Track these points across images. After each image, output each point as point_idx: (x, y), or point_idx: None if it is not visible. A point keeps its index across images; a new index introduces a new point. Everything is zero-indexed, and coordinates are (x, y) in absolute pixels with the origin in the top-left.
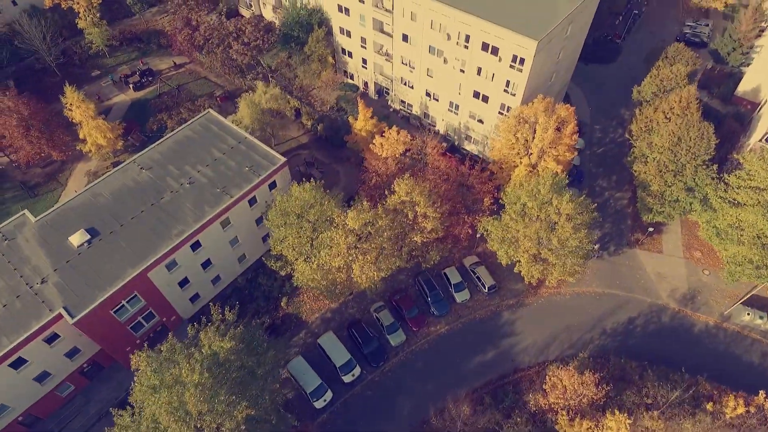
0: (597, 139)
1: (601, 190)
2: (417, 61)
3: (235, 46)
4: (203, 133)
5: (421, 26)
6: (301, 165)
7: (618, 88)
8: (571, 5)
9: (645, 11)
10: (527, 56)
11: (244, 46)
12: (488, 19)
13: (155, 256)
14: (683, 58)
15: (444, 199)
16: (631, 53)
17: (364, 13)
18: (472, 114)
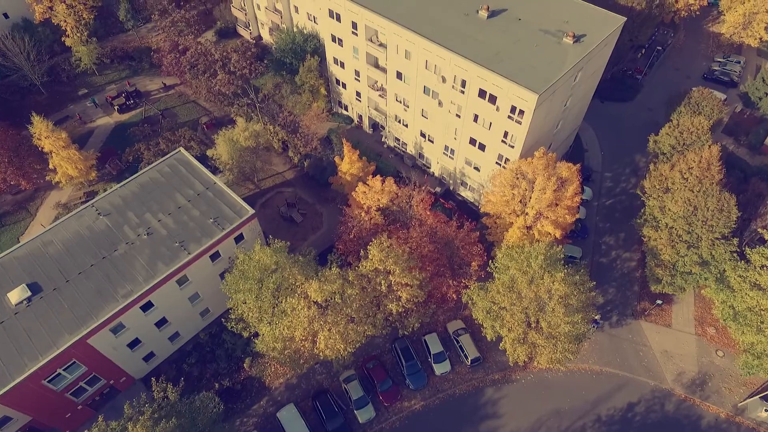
0: (607, 189)
1: (606, 249)
2: (411, 100)
3: (220, 75)
4: (171, 176)
5: (415, 65)
6: (282, 205)
7: (635, 130)
8: (581, 51)
9: (671, 43)
10: (527, 109)
11: (230, 74)
12: (486, 65)
13: (96, 321)
14: (708, 105)
15: (427, 262)
16: (652, 91)
17: (358, 46)
18: (468, 160)
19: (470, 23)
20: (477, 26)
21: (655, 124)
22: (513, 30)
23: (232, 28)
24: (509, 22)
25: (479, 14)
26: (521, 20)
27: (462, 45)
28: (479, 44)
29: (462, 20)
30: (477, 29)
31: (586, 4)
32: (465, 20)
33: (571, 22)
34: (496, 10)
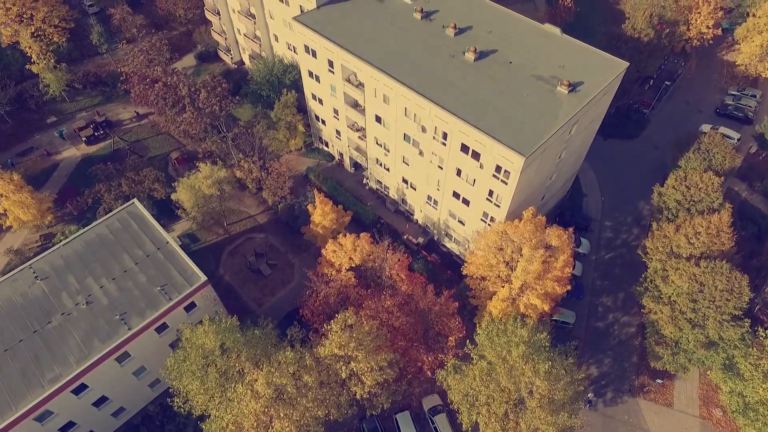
0: (606, 241)
1: (603, 311)
2: (392, 145)
3: (187, 114)
4: (120, 233)
5: (394, 111)
6: (251, 255)
7: (639, 172)
8: (577, 103)
9: (682, 74)
10: (513, 170)
11: (198, 111)
12: (468, 120)
13: (16, 413)
14: (719, 152)
15: (399, 336)
16: (660, 127)
17: (335, 85)
18: (452, 213)
19: (455, 67)
20: (462, 70)
21: (662, 165)
22: (502, 75)
23: (213, 52)
24: (499, 65)
25: (466, 56)
26: (512, 64)
27: (444, 93)
28: (463, 92)
29: (447, 63)
30: (462, 74)
31: (584, 46)
32: (450, 63)
33: (568, 67)
34: (485, 51)
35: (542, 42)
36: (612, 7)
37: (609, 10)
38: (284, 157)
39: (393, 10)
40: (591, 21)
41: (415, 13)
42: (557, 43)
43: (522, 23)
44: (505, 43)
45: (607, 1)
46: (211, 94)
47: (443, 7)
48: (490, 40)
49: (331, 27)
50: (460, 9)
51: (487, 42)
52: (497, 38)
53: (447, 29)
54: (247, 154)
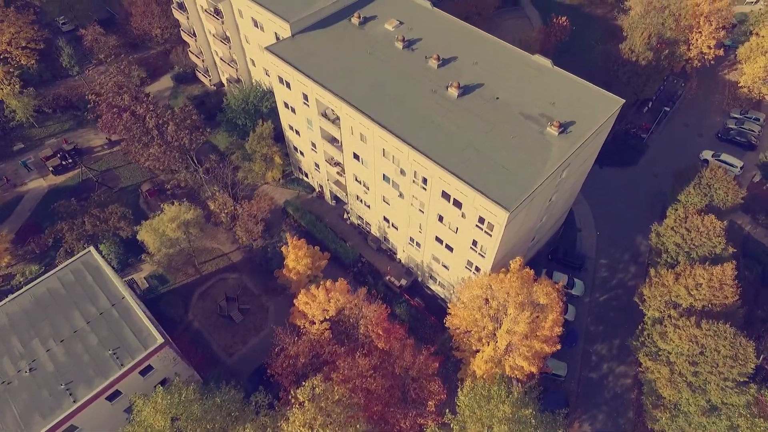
0: (601, 281)
1: (597, 360)
2: (371, 184)
3: (153, 149)
4: (73, 286)
5: (372, 150)
6: (221, 300)
7: (637, 204)
8: (568, 146)
9: (682, 95)
10: (497, 224)
11: (166, 145)
12: (448, 167)
13: None
14: (721, 188)
15: (374, 400)
16: (659, 153)
17: (311, 119)
18: (435, 257)
19: (438, 103)
20: (445, 108)
21: (660, 194)
22: (487, 113)
23: (191, 73)
24: (484, 101)
25: (449, 92)
26: (499, 100)
27: (424, 134)
28: (445, 133)
29: (428, 99)
30: (445, 112)
31: (577, 80)
32: (432, 99)
33: (559, 104)
34: (469, 86)
35: (532, 75)
36: (609, 22)
37: (606, 26)
38: (262, 188)
39: (373, 37)
40: (587, 38)
41: (397, 42)
42: (548, 77)
43: (510, 54)
44: (491, 75)
45: (604, 17)
46: (180, 127)
47: (427, 35)
48: (475, 72)
49: (306, 57)
50: (444, 37)
51: (473, 75)
52: (483, 70)
53: (430, 60)
54: (222, 185)
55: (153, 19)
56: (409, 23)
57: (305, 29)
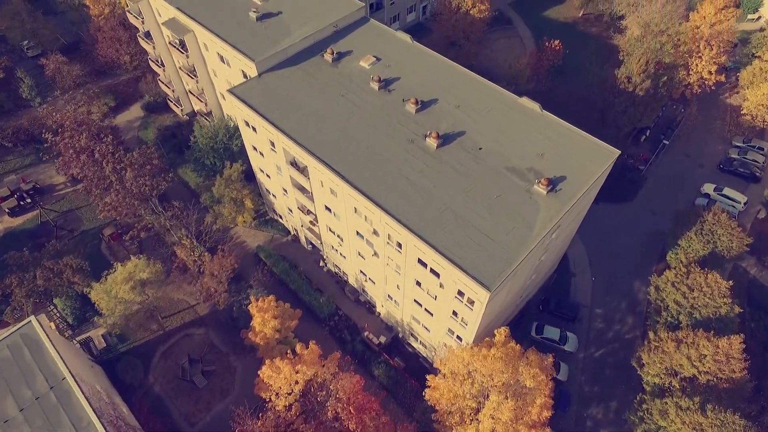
0: (596, 333)
1: (593, 426)
2: (345, 237)
3: (109, 198)
4: (8, 365)
5: (343, 205)
6: (184, 362)
7: (635, 244)
8: (558, 208)
9: (682, 121)
10: (477, 300)
11: (125, 191)
12: (424, 236)
13: None
14: (724, 235)
15: None
16: (658, 187)
17: (280, 166)
18: (415, 318)
19: (414, 156)
20: (422, 161)
21: (659, 235)
22: (469, 167)
23: (163, 102)
24: (466, 153)
25: (427, 142)
26: (482, 150)
27: (397, 194)
28: (421, 192)
29: (404, 151)
30: (422, 166)
31: (567, 127)
32: (408, 151)
33: (548, 155)
34: (450, 134)
35: (518, 121)
36: (605, 41)
37: (602, 46)
38: (234, 229)
39: (347, 76)
40: (582, 58)
41: (372, 83)
42: (536, 123)
43: (495, 96)
44: (474, 121)
45: (599, 35)
46: (141, 173)
47: (405, 74)
48: (457, 117)
49: (272, 101)
50: (425, 76)
51: (454, 120)
52: (466, 115)
53: (407, 104)
54: (189, 230)
55: (121, 46)
56: (387, 60)
57: (274, 67)
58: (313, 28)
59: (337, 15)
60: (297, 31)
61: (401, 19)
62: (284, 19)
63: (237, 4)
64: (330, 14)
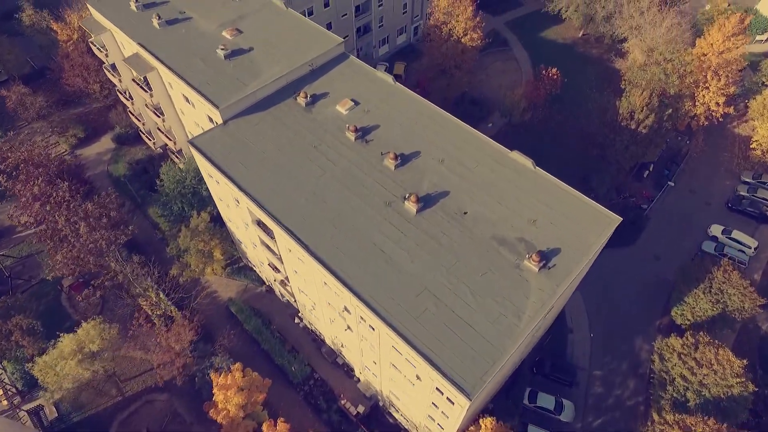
0: (595, 399)
1: None
2: (317, 304)
3: (60, 255)
4: None
5: (312, 275)
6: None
7: (637, 295)
8: (551, 289)
9: (687, 153)
10: (457, 404)
11: (80, 245)
12: (398, 327)
13: None
14: (735, 294)
15: None
16: (661, 230)
17: (248, 223)
18: (394, 394)
19: (392, 222)
20: (400, 229)
21: (664, 284)
22: (452, 237)
23: (134, 133)
24: (449, 219)
25: (406, 205)
26: (467, 215)
27: (370, 271)
28: (397, 270)
29: (380, 215)
30: (398, 235)
31: (562, 187)
32: (385, 216)
33: (541, 221)
34: (432, 195)
35: (509, 178)
36: (605, 64)
37: (602, 70)
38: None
39: (321, 124)
40: (581, 83)
41: (349, 132)
42: (528, 182)
43: (484, 149)
44: (460, 179)
45: (599, 58)
46: (97, 226)
47: (386, 120)
48: (440, 174)
49: (237, 152)
50: (406, 122)
51: (437, 177)
52: (451, 171)
53: (386, 158)
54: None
55: (89, 74)
56: (366, 103)
57: (241, 112)
58: (287, 68)
59: (314, 52)
60: (268, 70)
61: (391, 41)
62: (255, 57)
63: (205, 39)
64: (306, 51)
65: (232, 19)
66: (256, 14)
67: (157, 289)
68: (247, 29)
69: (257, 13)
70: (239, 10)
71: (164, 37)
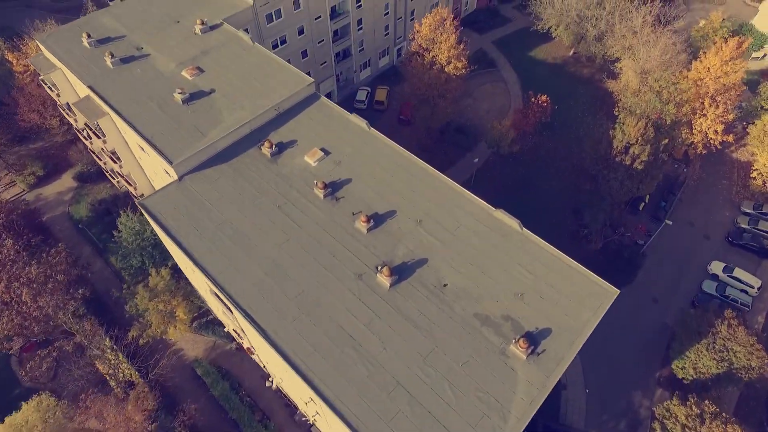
0: None
1: None
2: (285, 378)
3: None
4: None
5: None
6: None
7: (633, 345)
8: (541, 383)
9: (684, 182)
10: None
11: (21, 318)
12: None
13: None
14: (741, 352)
15: None
16: (659, 268)
17: (205, 290)
18: None
19: (362, 298)
20: (371, 307)
21: (663, 330)
22: (430, 316)
23: (97, 170)
24: (427, 293)
25: (378, 279)
26: (447, 288)
27: (335, 362)
28: (366, 360)
29: (350, 291)
30: (369, 316)
31: (553, 255)
32: (355, 291)
33: (528, 295)
34: (408, 265)
35: (493, 242)
36: (597, 84)
37: (594, 91)
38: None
39: (287, 178)
40: (572, 106)
41: (317, 189)
42: (514, 247)
43: (466, 206)
44: (440, 244)
45: (591, 78)
46: (42, 292)
47: (359, 174)
48: (418, 238)
49: (193, 215)
50: (381, 175)
51: (415, 242)
52: (429, 234)
53: (358, 221)
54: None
55: (46, 109)
56: (337, 153)
57: (199, 166)
58: (251, 113)
59: (281, 94)
60: (231, 116)
61: (373, 64)
62: (217, 101)
63: (162, 80)
64: (273, 93)
65: (194, 55)
66: (220, 50)
67: (117, 350)
68: (210, 67)
69: (221, 48)
70: (202, 45)
71: (117, 77)
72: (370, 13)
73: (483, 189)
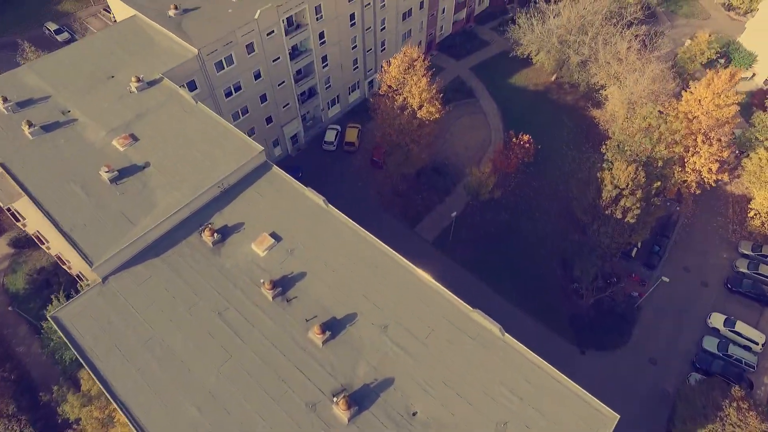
0: None
1: None
2: None
3: None
4: None
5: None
6: None
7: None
8: None
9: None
10: None
11: None
12: None
13: None
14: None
15: None
16: (655, 324)
17: None
18: None
19: None
20: None
21: (663, 397)
22: None
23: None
24: (393, 426)
25: (335, 410)
26: (417, 419)
27: None
28: None
29: (300, 426)
30: None
31: (540, 369)
32: (306, 428)
33: (514, 424)
34: (371, 387)
35: (472, 352)
36: (581, 113)
37: (578, 120)
38: None
39: (231, 274)
40: (556, 138)
41: (265, 289)
42: (496, 359)
43: (439, 306)
44: (408, 358)
45: (575, 106)
46: None
47: (314, 265)
48: (383, 351)
49: (115, 330)
50: (341, 267)
51: (379, 358)
52: (396, 345)
53: (312, 331)
54: None
55: None
56: (290, 239)
57: (128, 261)
58: (191, 193)
59: (227, 166)
60: (167, 197)
61: (342, 100)
62: (151, 178)
63: (89, 152)
64: (217, 164)
65: (128, 120)
66: (157, 111)
67: None
68: (145, 134)
69: (159, 110)
70: (137, 106)
71: (36, 151)
72: (335, 48)
73: (463, 237)
